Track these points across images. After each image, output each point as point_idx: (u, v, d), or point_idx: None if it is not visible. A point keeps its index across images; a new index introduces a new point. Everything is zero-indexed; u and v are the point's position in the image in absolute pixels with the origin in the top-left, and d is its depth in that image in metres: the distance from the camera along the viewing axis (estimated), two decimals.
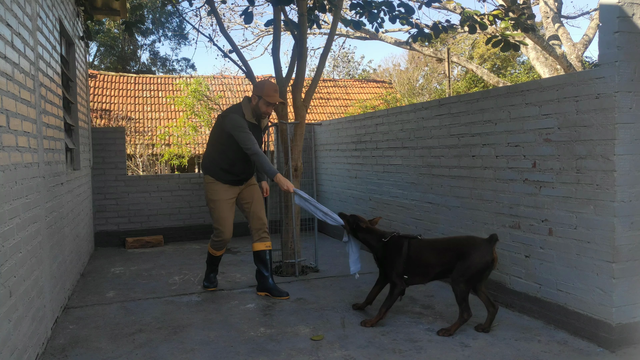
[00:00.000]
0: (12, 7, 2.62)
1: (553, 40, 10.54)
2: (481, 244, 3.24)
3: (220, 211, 4.08)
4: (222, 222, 4.09)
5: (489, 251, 3.20)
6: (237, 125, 3.87)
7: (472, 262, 3.19)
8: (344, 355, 2.92)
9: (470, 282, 3.21)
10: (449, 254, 3.30)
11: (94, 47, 24.24)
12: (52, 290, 3.41)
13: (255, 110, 4.01)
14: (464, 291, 3.21)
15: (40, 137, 3.16)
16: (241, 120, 3.90)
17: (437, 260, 3.33)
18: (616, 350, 2.88)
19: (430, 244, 3.43)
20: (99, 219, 6.44)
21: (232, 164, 4.04)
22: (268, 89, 3.92)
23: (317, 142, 7.26)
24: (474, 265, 3.18)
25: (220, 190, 4.08)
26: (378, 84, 19.75)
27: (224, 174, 4.07)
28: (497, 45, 4.85)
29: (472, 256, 3.19)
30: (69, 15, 4.76)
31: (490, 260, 3.20)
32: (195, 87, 12.97)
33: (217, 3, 8.58)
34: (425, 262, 3.36)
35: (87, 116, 5.92)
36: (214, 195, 4.09)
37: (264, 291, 4.15)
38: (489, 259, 3.20)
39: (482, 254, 3.20)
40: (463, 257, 3.21)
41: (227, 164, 4.04)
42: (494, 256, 3.21)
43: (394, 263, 3.40)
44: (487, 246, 3.21)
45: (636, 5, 2.84)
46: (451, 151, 4.27)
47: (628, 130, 2.85)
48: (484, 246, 3.22)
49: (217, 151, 4.08)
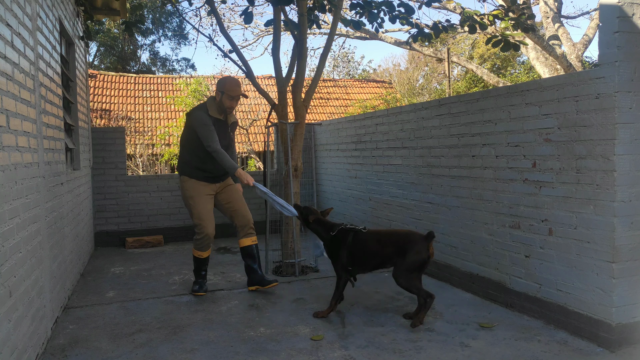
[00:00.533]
0: (12, 7, 2.62)
1: (553, 40, 10.54)
2: (418, 240, 3.36)
3: (199, 205, 4.10)
4: (202, 216, 4.09)
5: (424, 248, 3.33)
6: (200, 122, 4.01)
7: (410, 258, 3.32)
8: (344, 355, 2.92)
9: (409, 276, 3.34)
10: (389, 247, 3.44)
11: (94, 47, 24.24)
12: (52, 290, 3.41)
13: (220, 106, 4.13)
14: (410, 283, 3.34)
15: (40, 137, 3.16)
16: (205, 117, 4.03)
17: (378, 252, 3.47)
18: (616, 350, 2.88)
19: (372, 237, 3.55)
20: (99, 219, 6.44)
21: (203, 161, 4.11)
22: (229, 84, 4.07)
23: (317, 142, 7.26)
24: (411, 261, 3.32)
25: (196, 187, 4.14)
26: (378, 84, 19.74)
27: (197, 171, 4.14)
28: (497, 45, 4.85)
29: (409, 253, 3.33)
30: (69, 15, 4.76)
31: (426, 257, 3.34)
32: (195, 87, 12.97)
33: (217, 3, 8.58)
34: (367, 253, 3.51)
35: (87, 116, 5.92)
36: (191, 191, 4.13)
37: (254, 285, 4.21)
38: (424, 257, 3.33)
39: (419, 250, 3.33)
40: (401, 253, 3.36)
41: (199, 162, 4.12)
42: (429, 253, 3.35)
43: (339, 255, 3.56)
44: (423, 243, 3.34)
45: (636, 5, 2.84)
46: (451, 151, 4.27)
47: (628, 130, 2.86)
48: (420, 243, 3.34)
49: (188, 150, 4.18)
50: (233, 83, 4.09)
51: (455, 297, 4.00)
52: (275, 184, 7.00)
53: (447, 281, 4.39)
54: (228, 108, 4.13)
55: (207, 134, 3.98)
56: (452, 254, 4.31)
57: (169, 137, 13.31)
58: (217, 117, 4.12)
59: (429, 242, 3.35)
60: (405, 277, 3.34)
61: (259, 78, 16.96)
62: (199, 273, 4.25)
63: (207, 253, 4.21)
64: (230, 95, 4.07)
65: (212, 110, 4.11)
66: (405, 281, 3.35)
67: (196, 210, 4.10)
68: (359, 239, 3.54)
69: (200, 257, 4.20)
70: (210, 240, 4.14)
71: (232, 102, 4.11)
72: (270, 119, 5.43)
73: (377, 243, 3.50)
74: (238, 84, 4.12)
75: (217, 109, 4.15)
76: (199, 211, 4.10)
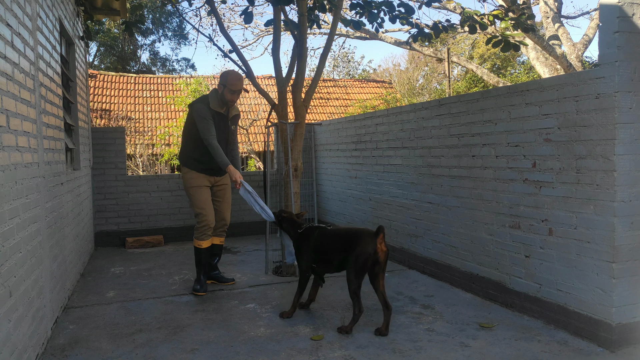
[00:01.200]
0: (12, 7, 2.62)
1: (553, 40, 10.54)
2: (366, 236, 3.25)
3: (200, 195, 4.22)
4: (203, 205, 4.20)
5: (371, 243, 3.21)
6: (200, 114, 4.10)
7: (356, 254, 3.22)
8: (344, 355, 2.92)
9: (358, 275, 3.22)
10: (340, 243, 3.37)
11: (94, 47, 24.24)
12: (52, 290, 3.41)
13: (222, 99, 4.21)
14: (353, 284, 3.22)
15: (40, 137, 3.16)
16: (204, 110, 4.11)
17: (335, 249, 3.40)
18: (616, 351, 2.88)
19: (332, 233, 3.52)
20: (99, 219, 6.44)
21: (202, 153, 4.19)
22: (231, 78, 4.15)
23: (317, 142, 7.26)
24: (357, 257, 3.21)
25: (197, 178, 4.24)
26: (378, 84, 19.74)
27: (196, 163, 4.23)
28: (497, 46, 4.85)
29: (357, 249, 3.23)
30: (69, 15, 4.76)
31: (373, 252, 3.19)
32: (195, 87, 12.97)
33: (217, 3, 8.58)
34: (325, 251, 3.47)
35: (87, 116, 5.92)
36: (192, 182, 4.24)
37: (210, 279, 4.47)
38: (370, 251, 3.19)
39: (365, 246, 3.21)
40: (350, 251, 3.27)
41: (199, 154, 4.20)
42: (377, 248, 3.20)
43: (303, 252, 3.57)
44: (371, 238, 3.22)
45: (636, 5, 2.84)
46: (451, 151, 4.27)
47: (628, 130, 2.85)
48: (367, 238, 3.23)
49: (189, 142, 4.28)
50: (235, 77, 4.16)
51: (455, 297, 4.00)
52: (275, 184, 7.00)
53: (447, 281, 4.38)
54: (229, 101, 4.21)
55: (204, 127, 4.07)
56: (452, 254, 4.31)
57: (169, 137, 13.31)
58: (218, 110, 4.19)
59: (377, 237, 3.22)
60: (352, 278, 3.22)
61: (259, 78, 16.96)
62: (200, 267, 4.28)
63: (207, 243, 4.27)
64: (231, 89, 4.14)
65: (214, 103, 4.18)
66: (354, 278, 3.22)
67: (197, 199, 4.21)
68: (321, 236, 3.52)
69: (200, 247, 4.25)
70: (210, 229, 4.24)
71: (234, 95, 4.18)
72: (270, 119, 5.43)
73: (333, 240, 3.46)
74: (240, 78, 4.19)
75: (219, 102, 4.21)
76: (200, 200, 4.20)
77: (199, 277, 4.27)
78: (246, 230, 7.07)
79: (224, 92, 4.18)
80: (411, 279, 4.58)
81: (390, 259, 5.32)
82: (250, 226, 7.10)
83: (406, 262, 5.04)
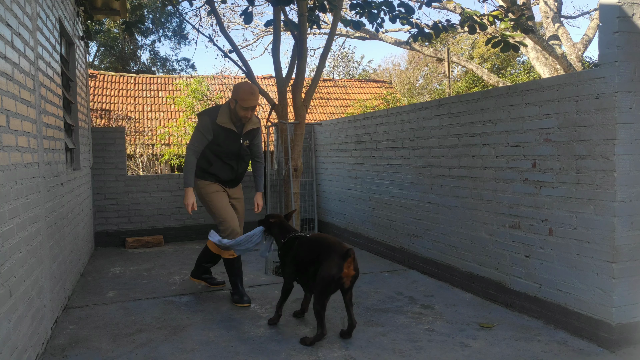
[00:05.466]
0: (12, 7, 2.62)
1: (553, 40, 10.54)
2: (335, 255, 2.99)
3: (218, 201, 3.96)
4: (223, 212, 3.93)
5: (337, 266, 2.95)
6: (198, 125, 3.94)
7: (320, 275, 2.99)
8: (344, 355, 2.92)
9: (320, 298, 2.99)
10: (312, 254, 3.15)
11: (94, 47, 24.25)
12: (52, 290, 3.41)
13: (235, 115, 3.91)
14: (316, 304, 3.00)
15: (40, 137, 3.16)
16: (207, 124, 3.88)
17: (308, 260, 3.17)
18: (616, 351, 2.88)
19: (305, 243, 3.30)
20: (99, 219, 6.44)
21: (209, 163, 3.98)
22: (243, 93, 3.78)
23: (317, 142, 7.26)
24: (320, 280, 2.99)
25: (211, 185, 4.00)
26: (378, 84, 19.74)
27: (205, 174, 4.01)
28: (497, 46, 4.85)
29: (321, 269, 2.99)
30: (69, 15, 4.76)
31: (337, 277, 2.96)
32: (195, 87, 12.98)
33: (217, 3, 8.58)
34: (302, 260, 3.24)
35: (87, 116, 5.92)
36: (207, 190, 3.99)
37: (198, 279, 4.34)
38: (335, 275, 2.95)
39: (329, 268, 2.96)
40: (318, 264, 3.04)
41: (206, 164, 3.99)
42: (342, 273, 2.96)
43: (285, 262, 3.41)
44: (338, 259, 2.96)
45: (636, 5, 2.84)
46: (451, 151, 4.27)
47: (628, 130, 2.86)
48: (335, 259, 2.97)
49: (200, 157, 4.02)
50: (247, 92, 3.79)
51: (455, 297, 4.00)
52: (275, 184, 7.01)
53: (447, 281, 4.39)
54: (243, 117, 3.88)
55: (194, 139, 3.93)
56: (452, 254, 4.31)
57: (168, 137, 13.31)
58: (226, 126, 3.90)
59: (344, 260, 2.96)
60: (315, 296, 3.02)
61: (259, 78, 16.96)
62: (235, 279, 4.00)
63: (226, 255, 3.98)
64: (243, 106, 3.81)
65: (222, 118, 3.89)
66: (317, 296, 3.00)
67: (215, 206, 3.95)
68: (299, 245, 3.33)
69: (232, 257, 3.98)
70: (238, 233, 3.95)
71: (247, 112, 3.85)
72: (270, 119, 5.43)
73: (306, 249, 3.24)
74: (253, 92, 3.82)
75: (230, 118, 3.93)
76: (218, 206, 3.94)
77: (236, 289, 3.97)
78: (246, 230, 7.05)
79: (237, 107, 3.84)
80: (411, 279, 4.58)
81: (390, 259, 5.32)
82: (251, 226, 7.09)
83: (406, 262, 5.04)
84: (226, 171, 4.02)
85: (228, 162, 4.01)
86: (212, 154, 3.97)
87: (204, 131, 3.90)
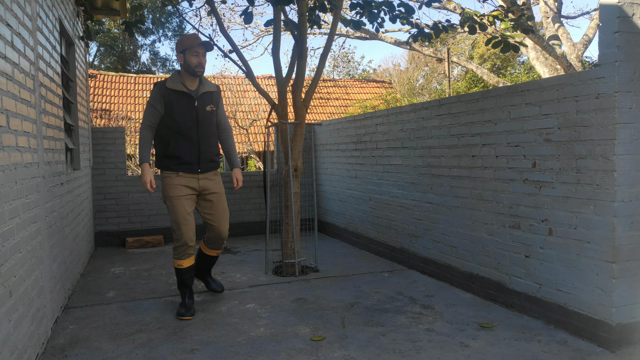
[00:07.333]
0: (12, 7, 2.62)
1: (553, 40, 10.54)
2: None
3: (177, 209, 3.65)
4: (180, 222, 3.64)
5: None
6: (149, 99, 3.67)
7: None
8: (344, 356, 2.92)
9: None
10: None
11: (94, 47, 24.25)
12: (52, 290, 3.41)
13: (187, 69, 3.65)
14: None
15: (40, 137, 3.16)
16: (155, 94, 3.65)
17: None
18: (616, 351, 2.88)
19: None
20: (99, 219, 6.44)
21: (165, 143, 3.68)
22: (187, 39, 3.64)
23: (317, 142, 7.26)
24: None
25: (175, 186, 3.67)
26: (378, 84, 19.74)
27: (165, 160, 3.69)
28: (497, 46, 4.85)
29: None
30: (69, 15, 4.76)
31: None
32: None
33: (217, 3, 8.58)
34: None
35: (87, 116, 5.92)
36: (169, 191, 3.67)
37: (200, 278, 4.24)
38: None
39: None
40: None
41: (163, 146, 3.70)
42: None
43: None
44: None
45: (636, 5, 2.84)
46: (451, 151, 4.27)
47: (628, 130, 2.86)
48: None
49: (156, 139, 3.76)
50: (190, 37, 3.66)
51: (455, 297, 4.00)
52: (275, 184, 7.01)
53: (447, 281, 4.39)
54: (196, 67, 3.62)
55: (145, 113, 3.66)
56: (452, 254, 4.31)
57: None
58: (177, 89, 3.65)
59: None
60: None
61: (259, 78, 16.97)
62: (184, 289, 3.78)
63: (189, 262, 3.75)
64: (193, 50, 3.60)
65: (171, 82, 3.65)
66: None
67: (173, 214, 3.66)
68: None
69: (180, 268, 3.74)
70: (189, 247, 3.71)
71: (198, 57, 3.62)
72: (270, 119, 5.43)
73: None
74: (196, 36, 3.67)
75: (182, 77, 3.69)
76: (176, 216, 3.65)
77: (183, 300, 3.73)
78: (246, 230, 7.07)
79: (187, 59, 3.62)
80: (411, 279, 4.58)
81: (390, 259, 5.32)
82: (250, 226, 7.10)
83: (406, 262, 5.04)
84: (187, 148, 3.68)
85: (187, 133, 3.67)
86: (168, 130, 3.67)
87: (154, 102, 3.64)
